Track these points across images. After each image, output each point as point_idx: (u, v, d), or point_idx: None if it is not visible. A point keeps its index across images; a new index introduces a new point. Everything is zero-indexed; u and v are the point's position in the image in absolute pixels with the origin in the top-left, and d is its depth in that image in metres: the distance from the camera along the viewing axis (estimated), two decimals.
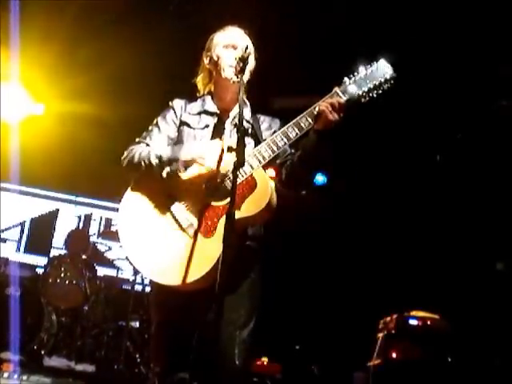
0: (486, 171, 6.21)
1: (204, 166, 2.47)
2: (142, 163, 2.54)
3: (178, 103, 2.76)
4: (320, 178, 7.50)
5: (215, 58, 2.71)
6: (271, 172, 2.68)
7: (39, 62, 6.60)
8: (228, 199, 2.39)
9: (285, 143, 2.50)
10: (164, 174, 2.50)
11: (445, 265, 6.46)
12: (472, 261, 6.29)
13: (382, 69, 2.54)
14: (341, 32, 5.62)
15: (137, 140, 2.70)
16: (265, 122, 2.76)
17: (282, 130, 2.52)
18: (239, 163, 2.16)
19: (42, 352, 5.81)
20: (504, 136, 5.96)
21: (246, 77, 2.64)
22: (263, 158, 2.48)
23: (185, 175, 2.50)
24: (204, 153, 2.48)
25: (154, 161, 2.51)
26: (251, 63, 2.67)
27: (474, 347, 5.47)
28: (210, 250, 2.35)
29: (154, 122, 2.73)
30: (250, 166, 2.45)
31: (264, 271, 2.62)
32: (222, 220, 2.38)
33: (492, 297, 5.86)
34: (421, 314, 5.53)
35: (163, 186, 2.52)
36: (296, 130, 2.50)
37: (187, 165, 2.49)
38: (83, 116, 6.98)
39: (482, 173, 6.25)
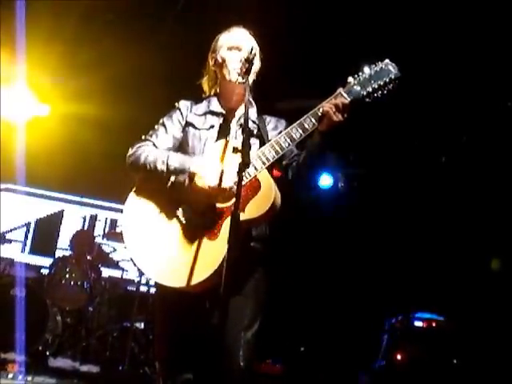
0: (491, 173, 6.20)
1: (206, 184, 2.45)
2: (148, 166, 2.53)
3: (184, 104, 2.75)
4: (326, 179, 7.47)
5: (220, 60, 2.70)
6: (277, 172, 2.66)
7: (44, 64, 6.62)
8: (232, 201, 2.39)
9: (289, 144, 2.49)
10: (169, 184, 2.49)
11: (450, 266, 6.44)
12: (479, 262, 6.27)
13: (387, 68, 2.52)
14: (347, 32, 5.61)
15: (143, 137, 2.70)
16: (271, 122, 2.75)
17: (286, 131, 2.51)
18: (244, 164, 2.15)
19: (47, 353, 5.83)
20: (509, 137, 5.95)
21: (252, 78, 2.64)
22: (267, 159, 2.47)
23: (190, 187, 2.48)
24: (206, 172, 2.45)
25: (160, 167, 2.50)
26: (256, 64, 2.65)
27: (479, 349, 5.45)
28: (214, 252, 2.34)
29: (161, 121, 2.73)
30: (254, 167, 2.44)
31: (270, 272, 2.62)
32: (226, 222, 2.39)
33: (497, 298, 5.84)
34: (426, 315, 5.52)
35: (168, 188, 2.51)
36: (300, 130, 2.49)
37: (192, 177, 2.47)
38: (88, 117, 6.99)
39: (487, 175, 6.24)
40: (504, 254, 6.16)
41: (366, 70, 2.53)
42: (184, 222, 2.46)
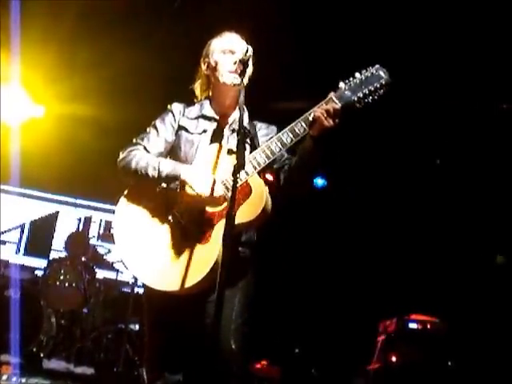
0: (488, 174, 6.22)
1: (196, 193, 2.45)
2: (139, 172, 2.52)
3: (176, 107, 2.74)
4: (319, 181, 7.51)
5: (213, 64, 2.69)
6: (269, 176, 2.66)
7: (40, 64, 6.61)
8: (223, 205, 2.41)
9: (280, 149, 2.49)
10: (160, 189, 2.50)
11: (444, 268, 6.46)
12: (474, 264, 6.29)
13: (378, 74, 2.51)
14: (339, 36, 5.62)
15: (134, 141, 2.67)
16: (262, 128, 2.74)
17: (277, 135, 2.51)
18: (239, 166, 2.15)
19: (41, 354, 5.82)
20: (504, 139, 5.97)
21: (245, 81, 2.63)
22: (258, 164, 2.47)
23: (181, 194, 2.48)
24: (197, 181, 2.45)
25: (151, 173, 2.50)
26: (250, 67, 2.64)
27: (473, 350, 5.47)
28: (205, 256, 2.36)
29: (152, 124, 2.71)
30: (245, 172, 2.43)
31: (260, 275, 2.62)
32: (218, 226, 2.40)
33: (492, 300, 5.85)
34: (420, 317, 5.53)
35: (159, 193, 2.52)
36: (291, 135, 2.49)
37: (184, 185, 2.47)
38: (83, 118, 6.98)
39: (483, 176, 6.26)
40: (503, 254, 6.18)
41: (357, 75, 2.53)
42: (175, 225, 2.46)
